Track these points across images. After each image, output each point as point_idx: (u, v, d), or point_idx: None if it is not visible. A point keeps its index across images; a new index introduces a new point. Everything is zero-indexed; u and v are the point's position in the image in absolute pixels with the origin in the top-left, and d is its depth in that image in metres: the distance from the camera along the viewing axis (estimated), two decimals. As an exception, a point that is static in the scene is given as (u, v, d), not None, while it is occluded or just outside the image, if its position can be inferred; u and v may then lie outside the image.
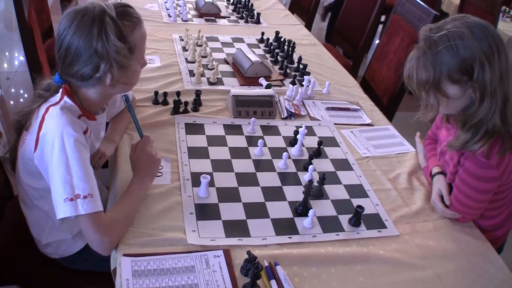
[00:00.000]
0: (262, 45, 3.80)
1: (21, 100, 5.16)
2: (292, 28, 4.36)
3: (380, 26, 6.65)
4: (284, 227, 1.99)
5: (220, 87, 3.01)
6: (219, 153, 2.39)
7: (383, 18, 6.46)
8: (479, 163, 1.99)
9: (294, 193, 2.19)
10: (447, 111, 2.13)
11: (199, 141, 2.45)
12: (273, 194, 2.17)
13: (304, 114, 2.85)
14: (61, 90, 1.90)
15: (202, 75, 3.09)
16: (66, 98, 1.88)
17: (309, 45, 3.98)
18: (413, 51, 2.02)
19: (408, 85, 2.08)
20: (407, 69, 2.04)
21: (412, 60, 2.01)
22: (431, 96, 2.01)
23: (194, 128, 2.54)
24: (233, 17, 4.41)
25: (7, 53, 6.17)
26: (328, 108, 2.95)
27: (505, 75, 1.91)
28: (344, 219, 2.09)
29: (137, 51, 1.93)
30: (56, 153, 1.74)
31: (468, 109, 1.99)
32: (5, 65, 5.92)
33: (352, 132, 2.74)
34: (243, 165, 2.33)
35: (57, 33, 1.85)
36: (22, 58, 5.94)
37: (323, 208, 2.13)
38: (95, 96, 1.96)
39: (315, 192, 2.18)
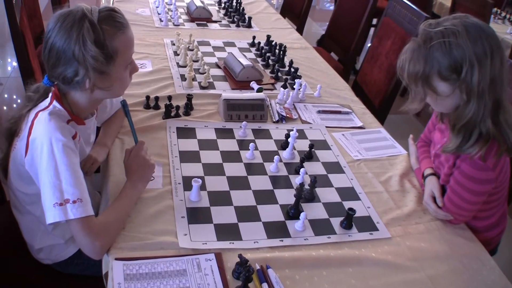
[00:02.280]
0: (253, 49, 3.81)
1: (14, 105, 5.15)
2: (283, 32, 4.37)
3: (372, 29, 6.67)
4: (276, 230, 1.99)
5: (211, 91, 3.01)
6: (211, 157, 2.39)
7: (374, 21, 6.48)
8: (476, 165, 1.99)
9: (286, 196, 2.19)
10: (437, 108, 2.13)
11: (190, 145, 2.45)
12: (265, 197, 2.17)
13: (295, 117, 2.85)
14: (50, 94, 1.91)
15: (194, 79, 3.09)
16: (55, 103, 1.88)
17: (300, 48, 3.99)
18: (409, 43, 2.04)
19: (400, 76, 2.09)
20: (401, 60, 2.05)
21: (407, 52, 2.02)
22: (419, 88, 2.01)
23: (185, 132, 2.54)
24: (224, 22, 4.41)
25: (-1, 59, 6.17)
26: (319, 111, 2.95)
27: (498, 79, 1.91)
28: (335, 222, 2.09)
29: (119, 57, 1.91)
30: (44, 158, 1.75)
31: (457, 110, 2.00)
32: (-2, 70, 5.92)
33: (343, 135, 2.74)
34: (234, 169, 2.33)
35: (44, 34, 1.86)
36: (15, 63, 5.92)
37: (314, 211, 2.13)
38: (82, 100, 1.96)
39: (306, 195, 2.19)
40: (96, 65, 1.81)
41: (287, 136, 2.52)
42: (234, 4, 4.70)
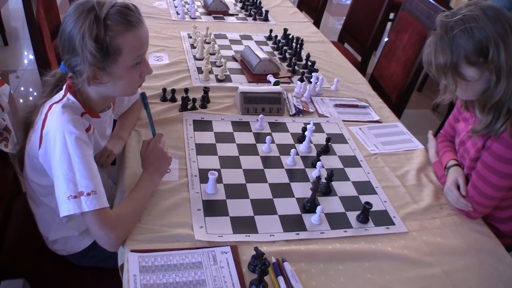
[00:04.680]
0: (270, 42, 3.80)
1: (31, 98, 5.17)
2: (300, 25, 4.36)
3: (389, 24, 6.64)
4: (292, 223, 1.99)
5: (228, 84, 3.01)
6: (227, 149, 2.39)
7: (391, 15, 6.45)
8: (509, 144, 1.99)
9: (302, 190, 2.19)
10: (466, 96, 2.12)
11: (207, 137, 2.45)
12: (281, 190, 2.17)
13: (312, 111, 2.85)
14: (64, 87, 1.91)
15: (210, 72, 3.09)
16: (69, 95, 1.88)
17: (317, 42, 3.98)
18: (430, 37, 2.04)
19: (427, 70, 2.09)
20: (426, 54, 2.05)
21: (430, 45, 2.03)
22: (449, 79, 2.02)
23: (202, 125, 2.54)
24: (241, 15, 4.41)
25: (16, 52, 6.18)
26: (336, 105, 2.94)
27: None
28: (352, 215, 2.08)
29: (123, 56, 1.85)
30: (58, 151, 1.75)
31: (486, 91, 2.00)
32: (15, 64, 5.93)
33: (360, 129, 2.73)
34: (251, 162, 2.33)
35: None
36: (31, 56, 5.95)
37: (331, 204, 2.13)
38: (93, 95, 1.95)
39: (323, 188, 2.18)
40: (92, 61, 1.79)
41: (304, 129, 2.52)
42: (251, -3, 4.69)
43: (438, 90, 2.21)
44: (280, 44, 3.67)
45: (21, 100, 5.08)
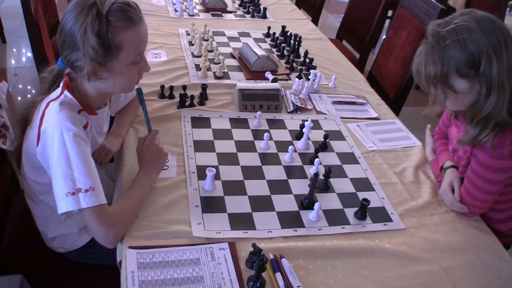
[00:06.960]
0: (268, 40, 3.80)
1: (29, 96, 5.17)
2: (298, 22, 4.36)
3: (387, 21, 6.64)
4: (290, 220, 1.99)
5: (226, 81, 3.01)
6: (225, 146, 2.39)
7: (390, 13, 6.45)
8: (492, 153, 1.98)
9: (300, 186, 2.19)
10: (456, 107, 2.11)
11: (205, 134, 2.45)
12: (279, 187, 2.17)
13: (310, 108, 2.85)
14: (61, 84, 1.91)
15: (208, 69, 3.09)
16: (66, 93, 1.88)
17: (315, 39, 3.98)
18: (421, 46, 2.02)
19: (417, 80, 2.06)
20: (416, 64, 2.03)
21: (421, 55, 2.00)
22: (439, 90, 2.00)
23: (200, 122, 2.54)
24: (239, 12, 4.41)
25: (14, 49, 6.18)
26: (334, 102, 2.95)
27: None
28: (349, 212, 2.08)
29: (123, 52, 1.86)
30: (56, 148, 1.75)
31: (476, 104, 1.98)
32: (13, 61, 5.93)
33: (358, 125, 2.73)
34: (249, 159, 2.33)
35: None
36: (29, 54, 5.95)
37: (328, 201, 2.13)
38: (90, 91, 1.96)
39: (320, 185, 2.18)
40: (94, 56, 1.79)
41: (302, 126, 2.51)
42: (249, -6, 4.69)
43: (427, 101, 2.21)
44: (278, 41, 3.67)
45: (19, 98, 5.08)
